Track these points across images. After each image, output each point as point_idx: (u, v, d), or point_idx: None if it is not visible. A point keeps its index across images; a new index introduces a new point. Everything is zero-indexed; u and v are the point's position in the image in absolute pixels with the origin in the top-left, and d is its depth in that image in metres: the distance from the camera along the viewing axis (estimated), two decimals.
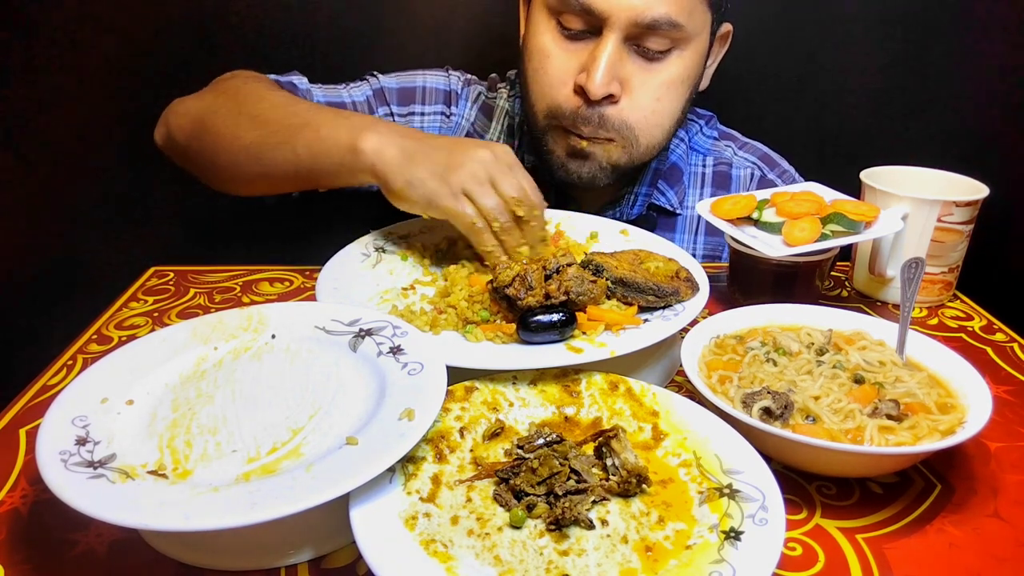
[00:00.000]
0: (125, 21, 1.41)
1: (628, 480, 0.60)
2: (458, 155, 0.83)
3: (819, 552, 0.60)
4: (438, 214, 0.83)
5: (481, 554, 0.55)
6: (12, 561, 0.58)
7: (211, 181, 1.06)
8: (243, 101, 1.00)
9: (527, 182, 0.85)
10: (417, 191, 0.83)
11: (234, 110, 0.99)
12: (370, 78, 1.22)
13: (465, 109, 1.24)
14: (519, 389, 0.72)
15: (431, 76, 1.23)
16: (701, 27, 1.03)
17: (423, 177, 0.82)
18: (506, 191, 0.83)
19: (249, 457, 0.59)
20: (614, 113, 1.02)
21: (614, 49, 0.98)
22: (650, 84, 1.02)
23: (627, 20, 0.96)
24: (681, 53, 1.02)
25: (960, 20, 1.43)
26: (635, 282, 0.80)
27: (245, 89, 1.03)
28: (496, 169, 0.83)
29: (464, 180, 0.82)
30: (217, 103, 1.02)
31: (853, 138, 1.52)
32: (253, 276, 1.08)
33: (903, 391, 0.71)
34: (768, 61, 1.49)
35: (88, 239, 1.53)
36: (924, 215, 0.98)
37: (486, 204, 0.82)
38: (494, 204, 0.82)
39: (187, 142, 1.04)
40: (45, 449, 0.56)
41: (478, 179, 0.82)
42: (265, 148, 0.94)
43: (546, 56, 1.04)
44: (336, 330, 0.75)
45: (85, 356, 0.86)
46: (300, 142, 0.90)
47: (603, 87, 0.98)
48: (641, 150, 1.07)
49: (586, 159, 1.07)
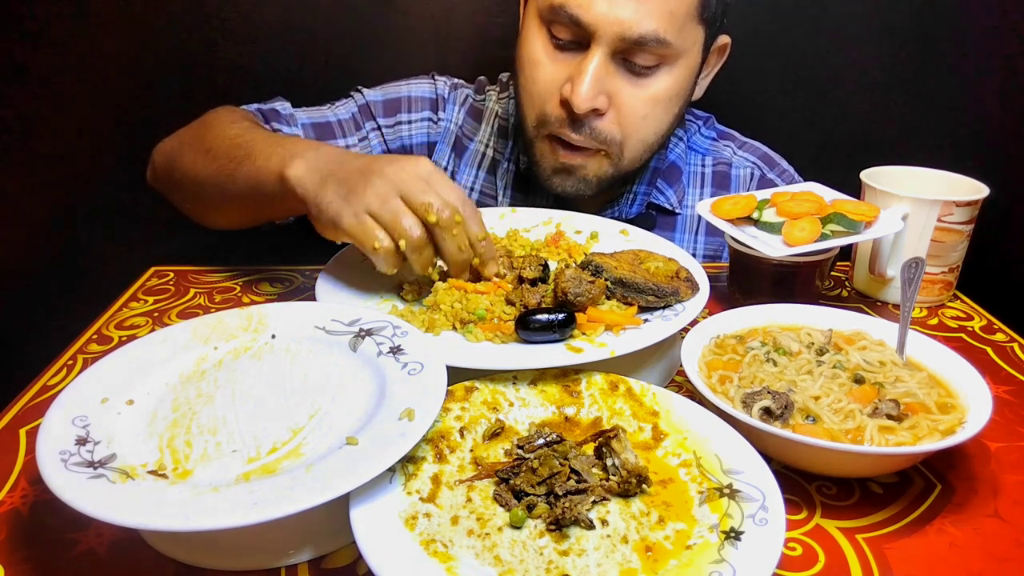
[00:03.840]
0: (126, 22, 1.41)
1: (628, 480, 0.60)
2: (366, 173, 0.78)
3: (819, 552, 0.60)
4: (345, 237, 0.79)
5: (481, 554, 0.55)
6: (12, 561, 0.58)
7: (190, 215, 1.08)
8: (203, 136, 1.00)
9: (449, 190, 0.79)
10: (324, 214, 0.79)
11: (195, 146, 0.99)
12: (355, 94, 1.22)
13: (453, 113, 1.24)
14: (519, 389, 0.72)
15: (416, 84, 1.23)
16: (692, 44, 1.02)
17: (330, 199, 0.78)
18: (414, 198, 0.77)
19: (249, 457, 0.59)
20: (600, 126, 1.03)
21: (600, 63, 0.98)
22: (637, 99, 1.02)
23: (614, 35, 0.96)
24: (670, 69, 1.02)
25: (960, 20, 1.43)
26: (635, 282, 0.80)
27: (212, 124, 1.03)
28: (405, 182, 0.77)
29: (367, 199, 0.76)
30: (184, 139, 1.04)
31: (853, 138, 1.52)
32: (253, 276, 1.08)
33: (903, 391, 0.71)
34: (768, 61, 1.49)
35: (88, 239, 1.53)
36: (924, 215, 0.98)
37: (387, 220, 0.76)
38: (397, 220, 0.76)
39: (166, 179, 1.07)
40: (45, 449, 0.56)
41: (381, 196, 0.76)
42: (216, 182, 0.94)
43: (536, 65, 1.04)
44: (336, 330, 0.75)
45: (85, 356, 0.86)
46: (241, 174, 0.90)
47: (587, 101, 0.98)
48: (625, 163, 1.08)
49: (570, 174, 1.07)
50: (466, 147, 1.24)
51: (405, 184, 0.77)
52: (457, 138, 1.24)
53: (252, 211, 0.97)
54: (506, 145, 1.21)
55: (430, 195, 0.77)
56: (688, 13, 0.98)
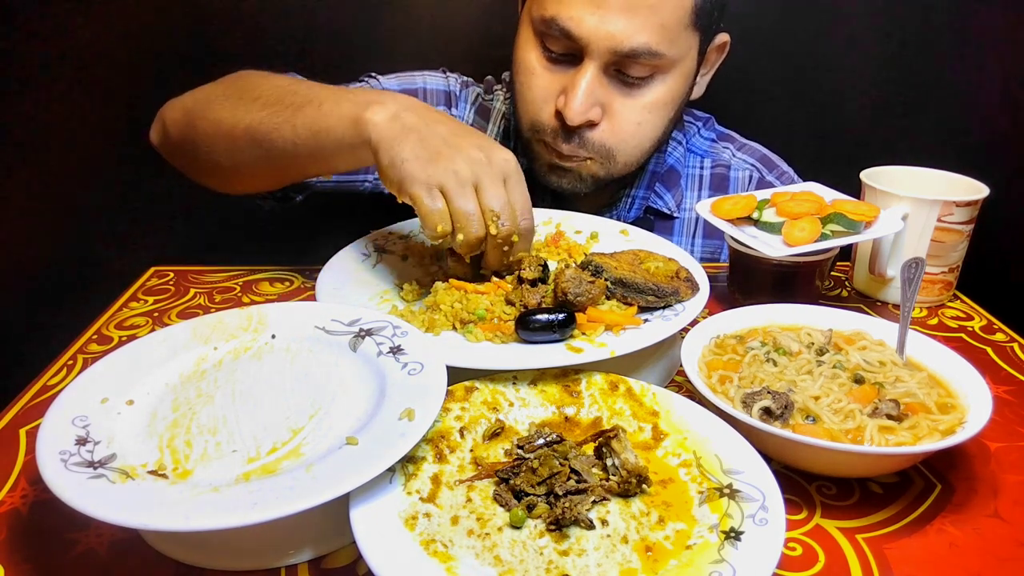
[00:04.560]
0: (126, 22, 1.41)
1: (628, 480, 0.60)
2: (452, 145, 0.76)
3: (819, 552, 0.60)
4: (408, 200, 0.76)
5: (481, 554, 0.55)
6: (12, 561, 0.58)
7: (205, 175, 1.02)
8: (244, 87, 0.95)
9: (519, 199, 0.77)
10: (396, 171, 0.75)
11: (234, 95, 0.94)
12: (370, 80, 1.20)
13: (464, 111, 1.23)
14: (519, 389, 0.72)
15: (430, 77, 1.22)
16: (686, 51, 1.02)
17: (406, 157, 0.75)
18: (487, 201, 0.75)
19: (249, 457, 0.59)
20: (593, 136, 1.03)
21: (593, 76, 0.98)
22: (631, 108, 1.03)
23: (606, 48, 0.96)
24: (664, 78, 1.02)
25: (960, 20, 1.43)
26: (635, 282, 0.80)
27: (248, 77, 0.98)
28: (486, 174, 0.75)
29: (443, 174, 0.74)
30: (216, 91, 0.98)
31: (853, 138, 1.52)
32: (253, 276, 1.08)
33: (903, 391, 0.71)
34: (768, 61, 1.48)
35: (88, 239, 1.53)
36: (924, 215, 0.98)
37: (457, 206, 0.74)
38: (466, 214, 0.74)
39: (183, 134, 0.99)
40: (45, 449, 0.56)
41: (460, 178, 0.74)
42: (264, 129, 0.87)
43: (531, 73, 1.04)
44: (336, 330, 0.75)
45: (85, 356, 0.86)
46: (300, 120, 0.84)
47: (580, 115, 0.99)
48: (619, 167, 1.08)
49: (565, 172, 1.08)
50: None
51: (485, 177, 0.75)
52: None
53: (301, 163, 0.90)
54: (509, 146, 1.21)
55: (501, 202, 0.75)
56: (680, 22, 0.98)
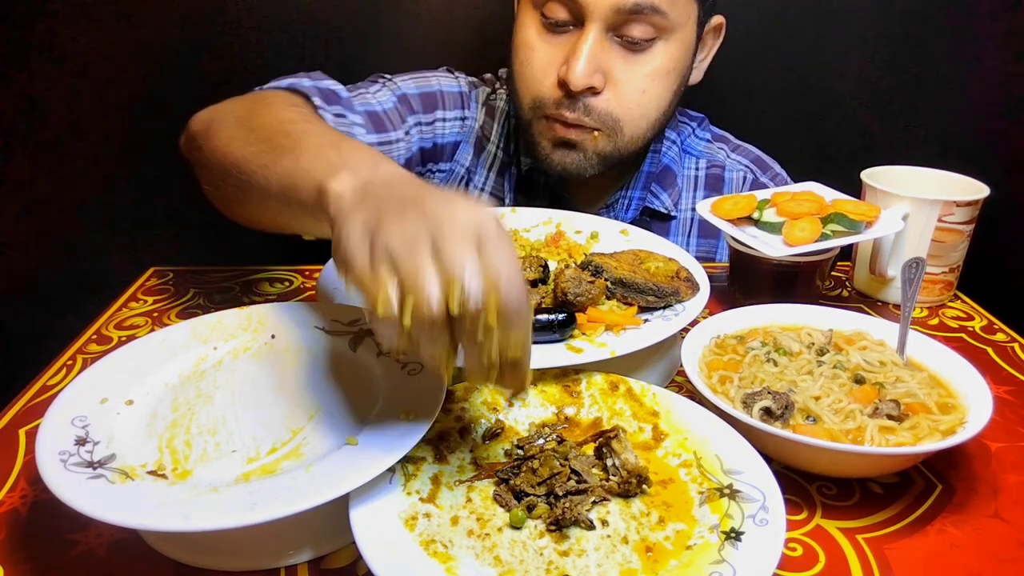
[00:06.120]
0: (127, 22, 1.41)
1: (628, 480, 0.60)
2: (406, 204, 0.53)
3: (819, 552, 0.60)
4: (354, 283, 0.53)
5: (481, 554, 0.55)
6: (12, 561, 0.58)
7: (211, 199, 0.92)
8: (253, 112, 0.85)
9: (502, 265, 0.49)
10: (341, 246, 0.54)
11: (240, 121, 0.84)
12: (385, 81, 1.14)
13: (475, 112, 1.23)
14: None
15: (444, 79, 1.21)
16: (686, 18, 1.02)
17: (352, 228, 0.54)
18: (447, 263, 0.49)
19: (249, 457, 0.59)
20: (597, 103, 1.02)
21: (595, 40, 0.98)
22: (634, 75, 1.02)
23: (608, 6, 0.96)
24: (666, 43, 1.02)
25: (960, 20, 1.42)
26: (635, 283, 0.80)
27: (268, 101, 0.90)
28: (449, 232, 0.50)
29: (390, 237, 0.51)
30: (231, 110, 0.89)
31: (853, 138, 1.52)
32: (253, 276, 1.08)
33: (904, 391, 0.71)
34: (768, 61, 1.48)
35: (88, 239, 1.53)
36: (925, 215, 0.98)
37: (404, 274, 0.49)
38: (414, 276, 0.49)
39: (196, 150, 0.91)
40: (45, 449, 0.56)
41: (407, 238, 0.50)
42: (249, 169, 0.74)
43: (531, 49, 1.04)
44: (336, 330, 0.75)
45: (85, 356, 0.86)
46: (277, 168, 0.69)
47: (583, 79, 0.98)
48: (626, 140, 1.06)
49: (571, 148, 1.06)
50: (484, 148, 1.22)
51: (444, 231, 0.50)
52: (478, 138, 1.22)
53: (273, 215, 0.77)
54: (511, 146, 1.21)
55: (467, 265, 0.48)
56: None
